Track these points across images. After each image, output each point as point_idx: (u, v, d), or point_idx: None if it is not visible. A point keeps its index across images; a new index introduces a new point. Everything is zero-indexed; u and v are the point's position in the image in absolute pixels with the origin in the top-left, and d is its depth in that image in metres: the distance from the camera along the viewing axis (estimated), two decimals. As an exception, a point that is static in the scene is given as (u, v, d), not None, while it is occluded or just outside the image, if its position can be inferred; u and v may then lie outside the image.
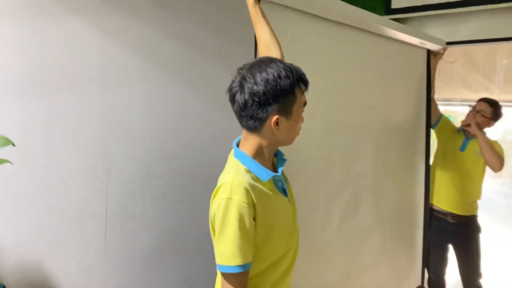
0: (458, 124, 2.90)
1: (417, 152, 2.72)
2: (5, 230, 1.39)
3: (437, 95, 2.88)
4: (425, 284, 2.93)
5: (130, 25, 1.72)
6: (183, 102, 1.91)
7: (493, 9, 2.74)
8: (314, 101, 1.64)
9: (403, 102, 2.53)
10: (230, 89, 1.11)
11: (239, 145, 1.18)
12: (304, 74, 1.12)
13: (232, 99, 1.11)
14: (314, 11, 1.78)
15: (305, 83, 1.12)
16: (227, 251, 1.04)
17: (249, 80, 1.06)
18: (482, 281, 2.72)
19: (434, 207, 2.82)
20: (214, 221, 1.08)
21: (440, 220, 2.78)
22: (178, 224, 1.84)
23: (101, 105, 1.62)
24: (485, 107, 2.64)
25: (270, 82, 1.04)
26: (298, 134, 1.18)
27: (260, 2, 1.41)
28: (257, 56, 1.37)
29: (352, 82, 2.07)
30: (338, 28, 1.93)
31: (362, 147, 2.19)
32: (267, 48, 1.31)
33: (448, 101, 4.13)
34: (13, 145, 0.89)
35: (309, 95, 1.17)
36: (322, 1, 1.77)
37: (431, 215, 2.83)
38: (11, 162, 1.04)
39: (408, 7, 2.92)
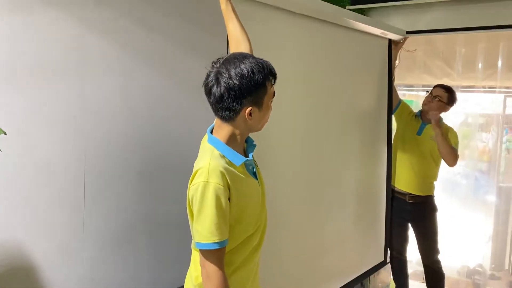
0: (418, 109, 3.07)
1: (379, 135, 2.87)
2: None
3: (400, 81, 3.04)
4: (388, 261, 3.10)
5: (108, 17, 1.76)
6: (159, 91, 1.98)
7: (451, 1, 2.89)
8: (281, 89, 1.76)
9: (365, 89, 2.67)
10: (206, 83, 1.19)
11: (213, 132, 1.27)
12: (273, 68, 1.22)
13: (208, 92, 1.19)
14: (278, 4, 1.86)
15: (274, 76, 1.23)
16: (205, 230, 1.13)
17: (224, 75, 1.14)
18: (440, 256, 2.91)
19: (394, 188, 2.99)
20: (192, 203, 1.17)
21: (399, 200, 2.95)
22: (153, 206, 1.93)
23: (79, 94, 1.67)
24: (441, 92, 2.79)
25: (244, 77, 1.13)
26: (267, 121, 1.29)
27: None
28: (229, 49, 1.44)
29: (315, 72, 2.19)
30: (302, 20, 2.04)
31: (326, 131, 2.32)
32: (237, 42, 1.40)
33: (410, 86, 4.30)
34: (5, 133, 0.95)
35: (276, 84, 1.28)
36: None
37: (392, 196, 2.99)
38: (5, 132, 1.09)
39: (373, -3, 3.04)
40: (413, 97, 4.52)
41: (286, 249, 2.06)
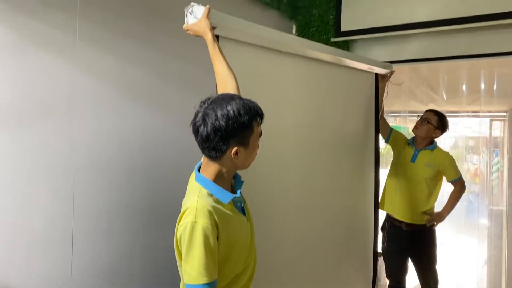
0: (409, 134, 3.11)
1: (367, 164, 2.88)
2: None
3: (387, 108, 3.07)
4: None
5: (99, 56, 1.82)
6: (148, 125, 2.02)
7: (433, 32, 3.00)
8: (271, 121, 1.80)
9: (353, 120, 2.71)
10: (194, 123, 1.21)
11: (201, 170, 1.29)
12: (260, 109, 1.25)
13: (196, 132, 1.21)
14: (269, 45, 1.93)
15: (261, 116, 1.25)
16: (194, 271, 1.12)
17: (211, 116, 1.17)
18: (439, 286, 2.86)
19: (390, 216, 2.94)
20: (180, 243, 1.17)
21: (397, 229, 2.89)
22: (143, 243, 1.93)
23: (69, 131, 1.71)
24: (431, 115, 2.81)
25: (230, 118, 1.16)
26: (254, 159, 1.31)
27: (218, 40, 1.55)
28: (216, 88, 1.48)
29: (305, 104, 2.24)
30: (290, 57, 2.10)
31: (314, 160, 2.34)
32: (225, 81, 1.44)
33: (397, 112, 4.38)
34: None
35: (267, 116, 1.31)
36: (277, 37, 1.92)
37: (389, 224, 2.95)
38: None
39: (356, 30, 3.15)
40: (401, 122, 4.61)
41: (271, 277, 2.04)
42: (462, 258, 3.95)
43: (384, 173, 4.45)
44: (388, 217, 2.98)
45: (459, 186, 2.80)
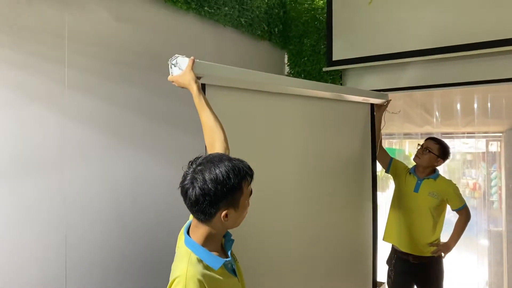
0: (404, 157, 3.07)
1: (364, 193, 2.86)
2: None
3: (383, 130, 3.00)
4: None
5: (87, 102, 1.80)
6: (139, 169, 1.98)
7: (426, 60, 3.01)
8: (266, 161, 1.77)
9: (349, 152, 2.69)
10: (182, 186, 1.18)
11: (190, 231, 1.25)
12: (249, 169, 1.22)
13: (184, 195, 1.18)
14: (258, 88, 1.92)
15: (251, 176, 1.23)
16: None
17: (199, 179, 1.14)
18: None
19: (396, 248, 2.87)
20: None
21: (404, 262, 2.81)
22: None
23: (60, 184, 1.67)
24: (432, 144, 2.75)
25: (219, 182, 1.14)
26: (245, 217, 1.28)
27: (205, 89, 1.54)
28: (204, 139, 1.46)
29: (300, 142, 2.23)
30: (284, 98, 2.10)
31: (311, 195, 2.32)
32: (212, 132, 1.43)
33: (392, 135, 4.38)
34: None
35: (262, 156, 1.26)
36: (265, 79, 1.91)
37: (395, 257, 2.87)
38: None
39: (348, 59, 3.15)
40: (397, 144, 4.61)
41: None
42: (463, 277, 3.89)
43: (382, 197, 4.45)
44: (394, 250, 2.91)
45: (465, 214, 2.75)
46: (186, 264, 1.15)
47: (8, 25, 1.55)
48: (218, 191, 1.14)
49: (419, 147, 2.84)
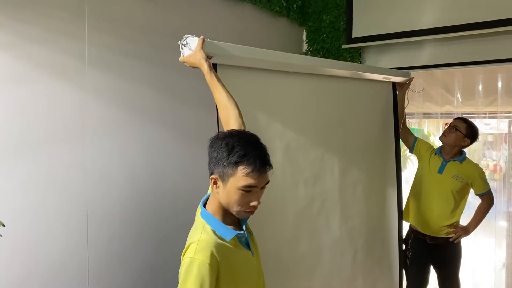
0: (423, 137, 3.02)
1: (387, 174, 2.82)
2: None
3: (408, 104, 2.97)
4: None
5: (108, 80, 1.84)
6: (159, 147, 2.03)
7: (448, 38, 2.93)
8: (285, 142, 1.77)
9: (371, 131, 2.66)
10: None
11: (207, 204, 1.29)
12: (256, 161, 1.17)
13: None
14: (271, 67, 1.89)
15: (253, 169, 1.17)
16: None
17: (218, 142, 1.21)
18: None
19: (414, 228, 2.85)
20: (179, 275, 1.15)
21: (420, 242, 2.80)
22: (155, 261, 1.97)
23: (82, 159, 1.74)
24: (459, 123, 2.70)
25: (222, 147, 1.19)
26: (244, 211, 1.23)
27: (217, 69, 1.54)
28: (219, 117, 1.48)
29: (319, 122, 2.21)
30: (300, 77, 2.07)
31: (332, 170, 2.32)
32: (226, 110, 1.44)
33: (411, 114, 4.32)
34: (3, 225, 1.00)
35: (279, 136, 1.26)
36: (279, 58, 1.88)
37: (412, 237, 2.87)
38: (3, 224, 1.14)
39: (368, 36, 3.10)
40: (416, 124, 4.55)
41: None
42: (480, 259, 3.87)
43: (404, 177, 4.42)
44: (412, 230, 2.90)
45: (487, 199, 2.72)
46: (200, 232, 1.19)
47: (28, 0, 1.59)
48: (214, 152, 1.20)
49: (446, 126, 2.78)
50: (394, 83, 2.81)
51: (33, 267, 1.59)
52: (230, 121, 1.42)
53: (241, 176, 1.18)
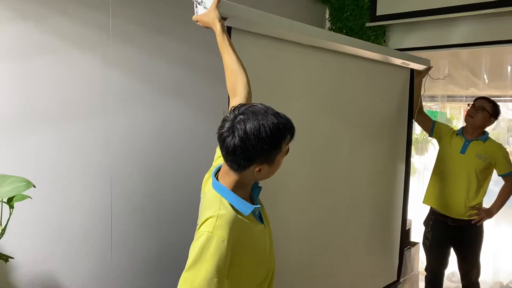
0: (446, 120, 2.97)
1: (397, 154, 2.80)
2: (24, 249, 1.53)
3: (425, 92, 2.90)
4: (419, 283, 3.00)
5: (131, 53, 1.84)
6: (178, 119, 2.04)
7: (476, 15, 2.84)
8: (296, 111, 1.74)
9: (384, 113, 2.62)
10: (221, 132, 1.14)
11: (219, 177, 1.24)
12: (292, 127, 1.18)
13: (222, 142, 1.14)
14: (287, 37, 1.83)
15: (292, 135, 1.18)
16: (196, 282, 1.04)
17: (240, 130, 1.10)
18: (480, 279, 2.79)
19: (435, 210, 2.82)
20: (192, 247, 1.11)
21: (441, 224, 2.77)
22: (176, 235, 1.99)
23: (103, 129, 1.75)
24: (485, 103, 2.64)
25: (260, 137, 1.09)
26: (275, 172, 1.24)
27: (230, 32, 1.49)
28: (226, 81, 1.42)
29: (330, 101, 2.17)
30: (316, 52, 2.01)
31: (340, 149, 2.29)
32: (234, 75, 1.38)
33: (434, 97, 4.23)
34: (34, 186, 1.02)
35: (293, 107, 1.22)
36: (296, 28, 1.80)
37: (433, 219, 2.84)
38: (30, 197, 1.17)
39: (393, 14, 3.01)
40: (439, 108, 4.45)
41: (295, 267, 2.06)
42: (500, 246, 3.82)
43: (419, 161, 4.35)
44: (433, 212, 2.87)
45: (511, 181, 2.66)
46: (218, 206, 1.15)
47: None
48: (257, 146, 1.10)
49: (469, 107, 2.72)
50: (412, 70, 2.75)
51: (58, 234, 1.63)
52: (238, 88, 1.37)
53: (283, 148, 1.18)
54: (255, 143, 1.10)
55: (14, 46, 1.50)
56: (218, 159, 1.33)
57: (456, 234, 2.74)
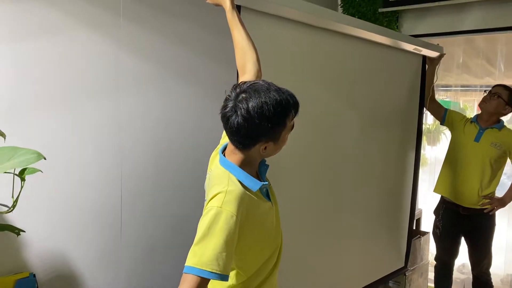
0: (460, 111, 2.93)
1: (407, 142, 2.77)
2: (35, 226, 1.55)
3: (438, 81, 2.83)
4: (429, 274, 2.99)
5: (140, 34, 1.83)
6: (189, 101, 2.04)
7: (492, 0, 2.78)
8: (301, 101, 1.74)
9: (395, 100, 2.59)
10: (224, 113, 1.14)
11: (226, 154, 1.23)
12: (296, 102, 1.16)
13: (225, 122, 1.14)
14: (299, 19, 1.80)
15: (296, 110, 1.17)
16: (205, 256, 1.05)
17: (243, 109, 1.09)
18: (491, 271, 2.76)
19: (446, 199, 2.78)
20: (200, 222, 1.11)
21: (453, 212, 2.73)
22: (185, 214, 1.99)
23: (115, 110, 1.75)
24: (501, 90, 2.59)
25: (264, 115, 1.08)
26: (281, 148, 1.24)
27: (240, 11, 1.47)
28: (235, 59, 1.41)
29: (339, 85, 2.14)
30: (327, 35, 1.98)
31: (349, 135, 2.28)
32: (243, 53, 1.36)
33: (448, 87, 4.16)
34: (44, 158, 1.02)
35: (302, 90, 1.21)
36: (309, 9, 1.78)
37: (443, 207, 2.81)
38: (41, 171, 1.17)
39: (406, -1, 2.97)
40: (451, 96, 4.38)
41: (302, 250, 2.06)
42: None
43: (431, 151, 4.30)
44: (444, 201, 2.83)
45: None
46: (226, 182, 1.14)
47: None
48: (261, 124, 1.09)
49: (485, 93, 2.67)
50: (424, 57, 2.71)
51: (68, 212, 1.64)
52: (247, 65, 1.36)
53: (288, 124, 1.17)
54: (259, 122, 1.09)
55: (26, 26, 1.51)
56: (225, 137, 1.32)
57: (468, 223, 2.70)
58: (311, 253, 2.13)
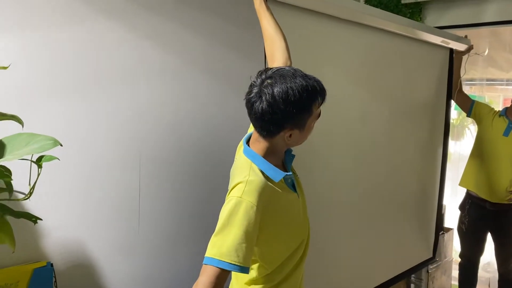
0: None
1: (435, 135, 2.73)
2: (53, 215, 1.56)
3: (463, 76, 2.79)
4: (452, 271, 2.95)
5: (159, 24, 1.82)
6: (208, 94, 2.02)
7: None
8: (333, 92, 1.73)
9: (422, 94, 2.55)
10: (248, 98, 1.12)
11: (250, 143, 1.21)
12: (323, 89, 1.13)
13: (250, 107, 1.12)
14: (326, 11, 1.80)
15: (323, 97, 1.14)
16: (225, 246, 1.04)
17: (268, 94, 1.07)
18: None
19: (472, 194, 2.73)
20: (221, 213, 1.10)
21: (479, 208, 2.68)
22: (207, 206, 1.98)
23: (134, 100, 1.75)
24: None
25: (289, 102, 1.06)
26: (307, 138, 1.21)
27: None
28: (265, 48, 1.38)
29: (367, 78, 2.12)
30: (354, 27, 1.96)
31: (378, 130, 2.26)
32: (272, 41, 1.35)
33: (473, 80, 4.05)
34: (61, 145, 1.02)
35: (328, 82, 1.18)
36: (337, 1, 1.78)
37: (469, 202, 2.75)
38: (58, 159, 1.17)
39: (430, -11, 2.88)
40: (476, 90, 4.26)
41: (335, 245, 2.06)
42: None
43: (455, 146, 4.20)
44: (469, 196, 2.76)
45: None
46: (248, 172, 1.13)
47: None
48: (286, 110, 1.06)
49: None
50: (452, 50, 2.66)
51: (87, 200, 1.65)
52: (277, 54, 1.34)
53: (314, 111, 1.14)
54: (284, 107, 1.06)
55: (46, 14, 1.51)
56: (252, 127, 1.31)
57: (495, 218, 2.64)
58: (342, 244, 2.13)
